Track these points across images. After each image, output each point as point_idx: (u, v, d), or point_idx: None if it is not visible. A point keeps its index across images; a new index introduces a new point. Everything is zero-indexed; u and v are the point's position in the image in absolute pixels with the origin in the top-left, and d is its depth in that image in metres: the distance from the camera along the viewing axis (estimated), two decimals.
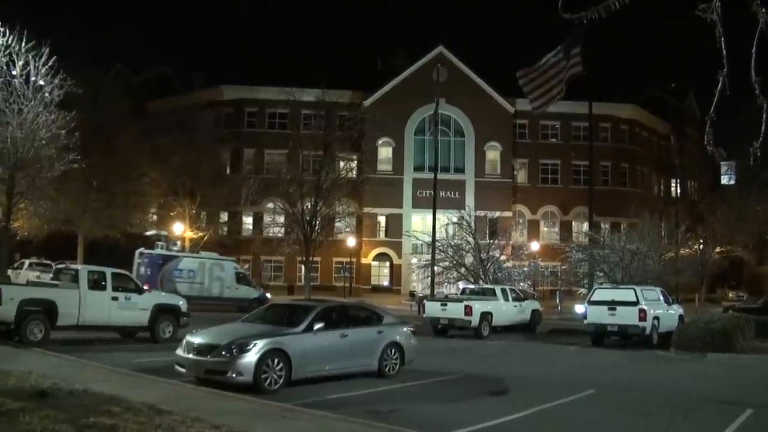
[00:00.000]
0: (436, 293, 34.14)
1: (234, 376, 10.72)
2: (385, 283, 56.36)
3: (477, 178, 56.67)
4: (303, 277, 43.39)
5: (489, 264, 34.68)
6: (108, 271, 17.12)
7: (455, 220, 38.86)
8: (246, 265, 47.76)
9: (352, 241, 49.97)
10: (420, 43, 75.90)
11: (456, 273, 36.24)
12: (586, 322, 22.52)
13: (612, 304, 21.74)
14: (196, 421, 7.78)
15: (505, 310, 25.77)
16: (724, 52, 5.22)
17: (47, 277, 21.77)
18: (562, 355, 19.98)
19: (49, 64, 26.45)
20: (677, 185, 65.50)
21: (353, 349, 12.48)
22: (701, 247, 51.48)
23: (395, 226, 54.37)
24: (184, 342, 11.71)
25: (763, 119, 5.26)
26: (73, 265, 19.43)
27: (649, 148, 64.03)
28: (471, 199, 52.36)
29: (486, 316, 24.26)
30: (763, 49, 5.29)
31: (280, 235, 43.82)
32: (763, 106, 5.26)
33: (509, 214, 54.21)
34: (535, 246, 48.14)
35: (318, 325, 11.94)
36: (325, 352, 11.95)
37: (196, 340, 11.48)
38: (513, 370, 15.40)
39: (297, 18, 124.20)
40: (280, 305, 14.80)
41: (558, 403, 11.03)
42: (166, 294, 21.36)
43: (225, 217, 51.81)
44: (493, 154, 58.01)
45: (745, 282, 59.04)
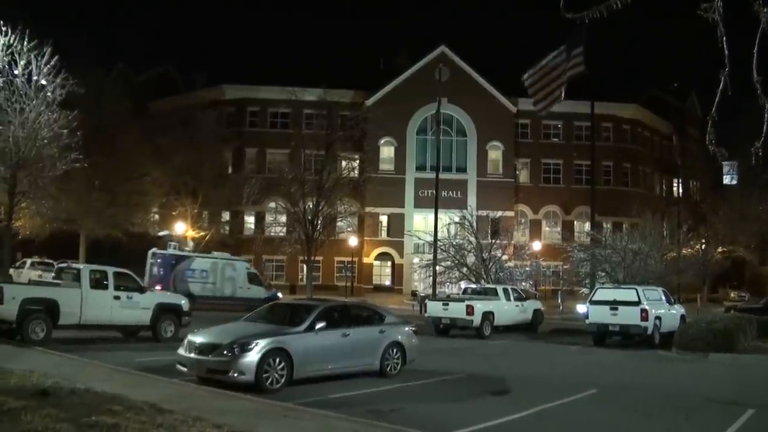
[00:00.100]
0: (437, 293, 34.14)
1: (236, 375, 10.72)
2: (387, 282, 56.34)
3: (479, 178, 56.62)
4: (305, 276, 43.39)
5: (491, 264, 34.67)
6: (110, 270, 17.13)
7: (457, 219, 38.84)
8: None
9: (353, 241, 49.95)
10: (422, 43, 75.78)
11: (458, 273, 36.24)
12: (587, 322, 22.52)
13: (614, 304, 21.74)
14: (198, 421, 7.78)
15: (506, 310, 25.77)
16: (726, 51, 5.21)
17: (49, 276, 21.75)
18: (564, 355, 19.98)
19: (51, 63, 26.53)
20: (679, 185, 65.49)
21: (355, 349, 12.48)
22: (703, 247, 51.37)
23: (397, 225, 54.35)
24: (185, 341, 11.71)
25: (765, 119, 5.25)
26: (75, 264, 19.42)
27: (651, 147, 63.94)
28: (473, 199, 52.29)
29: (488, 316, 24.24)
30: (764, 48, 5.29)
31: (282, 234, 43.82)
32: (765, 106, 5.25)
33: (511, 213, 54.15)
34: (537, 246, 48.12)
35: (320, 325, 11.94)
36: (327, 352, 11.95)
37: (198, 339, 11.48)
38: (515, 369, 15.40)
39: (299, 17, 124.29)
40: (282, 304, 14.85)
41: (559, 403, 11.02)
42: (168, 293, 21.38)
43: (227, 216, 51.88)
44: (495, 153, 57.96)
45: (747, 282, 58.95)
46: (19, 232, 36.62)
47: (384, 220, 55.92)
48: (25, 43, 25.89)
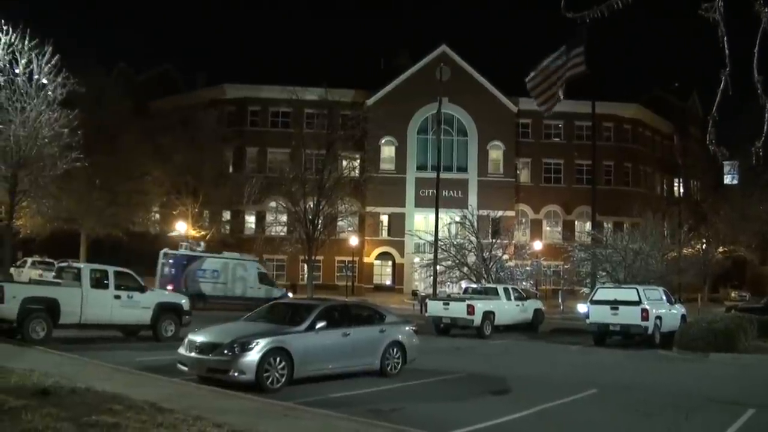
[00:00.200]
0: (438, 292, 34.13)
1: (236, 374, 10.73)
2: (388, 282, 56.34)
3: (480, 178, 56.60)
4: (305, 276, 43.35)
5: (491, 263, 34.67)
6: (110, 270, 17.13)
7: (458, 219, 38.82)
8: None
9: (354, 240, 49.92)
10: (423, 42, 75.86)
11: (458, 272, 36.24)
12: (588, 322, 22.53)
13: (614, 304, 21.75)
14: (198, 420, 7.78)
15: (507, 310, 25.77)
16: (727, 51, 5.21)
17: (50, 275, 21.75)
18: (565, 355, 19.99)
19: (52, 62, 26.50)
20: (680, 185, 65.45)
21: (355, 348, 12.48)
22: (704, 246, 51.34)
23: (398, 225, 54.32)
24: (186, 340, 11.72)
25: (766, 119, 5.24)
26: (75, 264, 19.46)
27: (652, 147, 63.89)
28: (474, 199, 52.21)
29: (488, 316, 24.25)
30: (765, 48, 5.28)
31: (283, 234, 43.76)
32: (766, 106, 5.25)
33: (512, 213, 54.11)
34: (537, 245, 48.09)
35: (320, 324, 11.95)
36: (327, 351, 11.95)
37: (199, 338, 11.49)
38: (515, 369, 15.40)
39: (300, 17, 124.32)
40: (283, 304, 14.86)
41: (560, 403, 11.03)
42: (168, 293, 21.38)
43: (227, 215, 51.89)
44: (495, 153, 57.93)
45: (748, 282, 58.90)
46: (20, 231, 36.62)
47: (385, 219, 55.91)
48: (26, 42, 25.87)
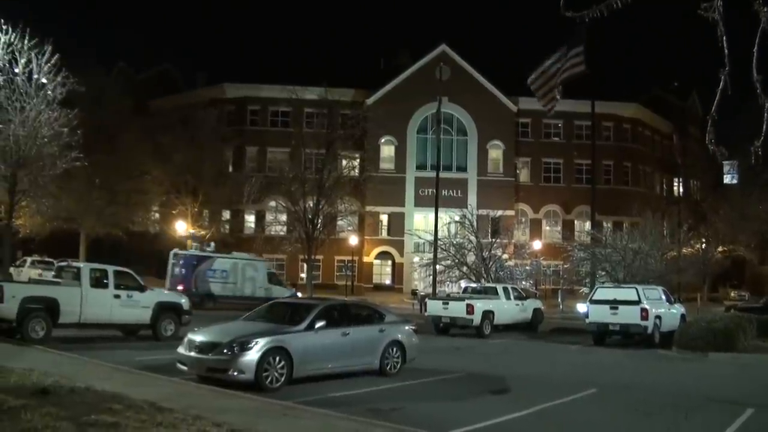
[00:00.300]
0: (438, 292, 34.14)
1: (235, 374, 10.73)
2: (387, 281, 56.32)
3: (479, 177, 56.58)
4: (305, 275, 43.36)
5: (491, 263, 34.69)
6: (110, 269, 17.13)
7: (457, 218, 38.83)
8: None
9: (354, 240, 49.92)
10: (423, 42, 75.93)
11: (458, 272, 36.25)
12: (587, 321, 22.53)
13: (614, 303, 21.75)
14: (198, 419, 7.78)
15: (506, 309, 25.78)
16: (726, 51, 5.21)
17: (49, 274, 21.74)
18: (564, 354, 19.99)
19: (52, 62, 26.47)
20: (680, 184, 65.45)
21: (355, 348, 12.48)
22: (703, 246, 51.42)
23: (397, 224, 54.32)
24: (185, 340, 11.71)
25: (765, 118, 5.24)
26: (75, 263, 19.40)
27: (652, 147, 63.89)
28: (473, 198, 52.22)
29: (488, 315, 24.25)
30: (764, 48, 5.28)
31: (282, 233, 43.79)
32: (765, 105, 5.25)
33: (511, 212, 54.11)
34: (537, 245, 48.14)
35: (320, 324, 11.95)
36: (327, 351, 11.95)
37: (198, 338, 11.49)
38: (515, 368, 15.40)
39: (300, 16, 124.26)
40: (282, 303, 14.84)
41: (559, 402, 11.03)
42: (168, 292, 21.37)
43: (227, 215, 51.86)
44: (495, 152, 57.91)
45: (747, 281, 58.91)
46: (20, 231, 36.59)
47: (384, 219, 55.89)
48: (25, 41, 25.85)
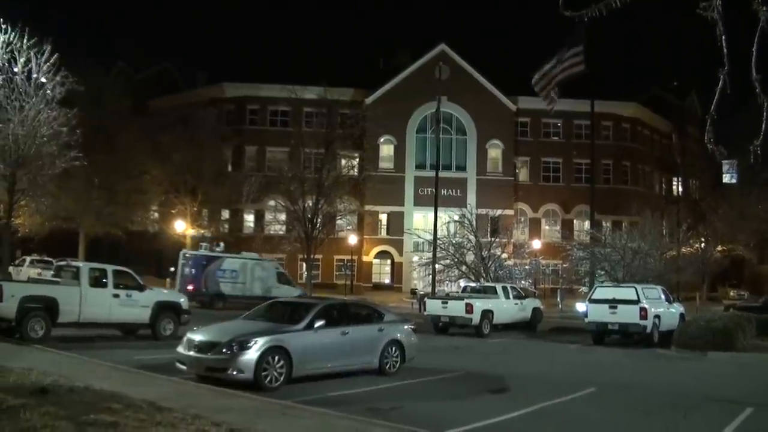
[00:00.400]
0: (437, 291, 34.15)
1: (235, 373, 10.72)
2: (387, 280, 56.28)
3: (478, 176, 56.56)
4: (304, 274, 43.37)
5: (490, 262, 34.68)
6: (109, 268, 17.12)
7: (456, 218, 38.85)
8: None
9: (353, 239, 49.92)
10: (422, 41, 75.70)
11: (457, 271, 36.26)
12: (587, 321, 22.53)
13: (613, 303, 21.75)
14: (197, 419, 7.78)
15: (506, 308, 25.78)
16: (725, 50, 5.21)
17: (48, 274, 21.75)
18: (563, 354, 20.00)
19: (51, 61, 26.47)
20: (679, 183, 65.48)
21: (354, 347, 12.48)
22: (702, 245, 51.45)
23: (396, 223, 54.31)
24: (185, 339, 11.71)
25: (764, 117, 5.25)
26: (74, 262, 19.41)
27: (651, 146, 63.90)
28: (472, 197, 52.25)
29: (487, 314, 24.25)
30: (763, 47, 5.28)
31: (282, 232, 43.82)
32: (764, 105, 5.25)
33: (510, 212, 54.09)
34: (536, 244, 48.14)
35: (319, 323, 11.95)
36: (326, 350, 11.95)
37: (197, 337, 11.48)
38: (513, 368, 15.40)
39: (299, 15, 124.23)
40: (281, 302, 14.80)
41: (558, 401, 11.04)
42: (167, 291, 21.38)
43: (226, 214, 51.81)
44: (494, 152, 57.90)
45: (746, 280, 58.98)
46: (19, 230, 36.57)
47: (383, 218, 55.85)
48: (24, 40, 25.84)
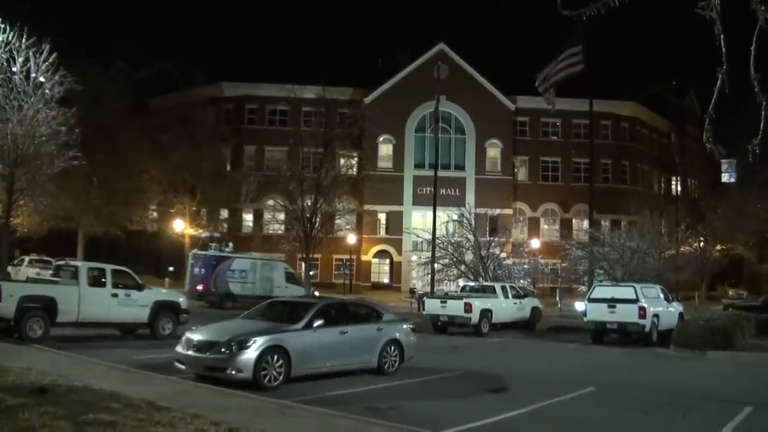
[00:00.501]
0: (436, 290, 34.14)
1: (233, 372, 10.72)
2: (385, 280, 56.30)
3: (477, 176, 56.58)
4: (303, 274, 43.38)
5: (489, 261, 34.68)
6: (108, 268, 17.10)
7: (455, 217, 38.81)
8: None
9: (352, 238, 49.91)
10: (421, 41, 75.70)
11: (456, 270, 36.24)
12: (585, 320, 22.54)
13: (612, 302, 21.76)
14: (196, 418, 7.78)
15: (504, 308, 25.77)
16: (724, 49, 5.21)
17: (47, 273, 21.73)
18: (562, 353, 20.00)
19: (50, 60, 26.44)
20: (678, 183, 65.56)
21: (353, 346, 12.47)
22: (701, 244, 51.48)
23: (395, 223, 54.32)
24: (183, 339, 11.71)
25: (762, 116, 5.25)
26: (73, 262, 19.39)
27: (650, 145, 63.94)
28: (471, 197, 52.25)
29: (486, 314, 24.25)
30: (762, 46, 5.28)
31: (281, 232, 43.76)
32: (762, 104, 5.26)
33: (509, 211, 54.17)
34: (535, 243, 48.14)
35: (318, 322, 11.95)
36: (325, 349, 11.95)
37: (196, 337, 11.48)
38: (512, 367, 15.39)
39: (298, 15, 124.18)
40: (280, 302, 14.80)
41: (557, 401, 11.04)
42: (166, 291, 21.37)
43: (225, 214, 51.82)
44: (493, 151, 57.93)
45: (745, 280, 59.06)
46: (18, 230, 36.56)
47: (382, 217, 55.86)
48: (23, 40, 25.81)
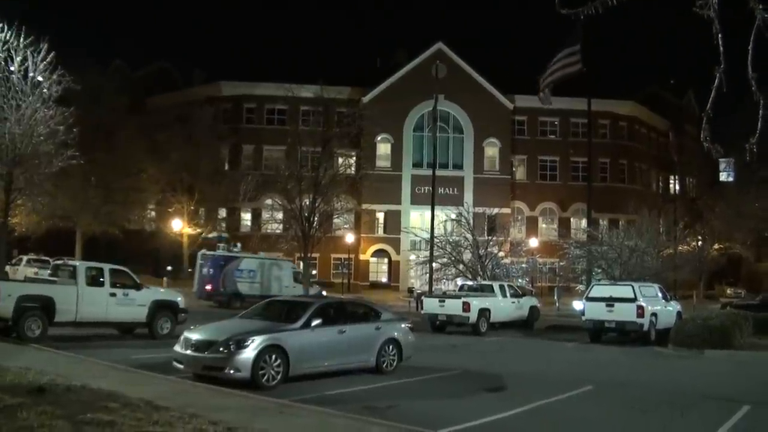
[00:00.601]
0: (434, 290, 34.13)
1: (232, 372, 10.71)
2: (384, 279, 56.32)
3: (475, 175, 56.64)
4: (301, 273, 43.37)
5: (487, 260, 34.68)
6: (106, 267, 17.09)
7: (454, 216, 38.80)
8: None
9: (350, 238, 49.93)
10: (419, 40, 75.65)
11: (454, 269, 36.22)
12: (584, 319, 22.55)
13: (610, 301, 21.77)
14: (194, 417, 7.77)
15: (503, 307, 25.78)
16: (721, 48, 5.21)
17: (45, 273, 21.71)
18: (560, 352, 20.02)
19: (48, 59, 26.36)
20: (676, 182, 65.64)
21: (351, 346, 12.47)
22: (699, 243, 51.53)
23: (394, 222, 54.34)
24: (182, 338, 11.70)
25: (760, 115, 5.25)
26: (71, 261, 19.37)
27: (648, 144, 64.01)
28: (469, 196, 52.24)
29: (484, 313, 24.26)
30: (760, 45, 5.29)
31: (279, 231, 43.70)
32: (760, 103, 5.26)
33: (508, 210, 54.19)
34: (533, 242, 48.17)
35: (316, 322, 11.95)
36: (323, 349, 11.94)
37: (194, 336, 11.47)
38: (511, 366, 15.40)
39: (296, 14, 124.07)
40: (278, 301, 14.80)
41: (555, 400, 11.05)
42: (164, 290, 21.36)
43: (223, 213, 51.82)
44: (491, 150, 57.97)
45: (744, 279, 59.15)
46: (15, 229, 36.54)
47: (380, 216, 55.89)
48: (21, 39, 25.72)
